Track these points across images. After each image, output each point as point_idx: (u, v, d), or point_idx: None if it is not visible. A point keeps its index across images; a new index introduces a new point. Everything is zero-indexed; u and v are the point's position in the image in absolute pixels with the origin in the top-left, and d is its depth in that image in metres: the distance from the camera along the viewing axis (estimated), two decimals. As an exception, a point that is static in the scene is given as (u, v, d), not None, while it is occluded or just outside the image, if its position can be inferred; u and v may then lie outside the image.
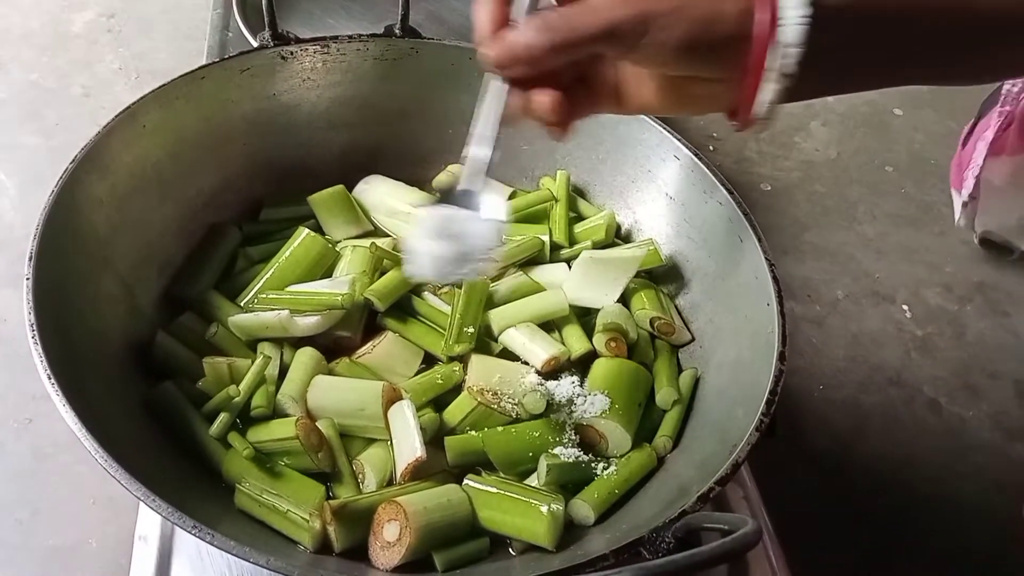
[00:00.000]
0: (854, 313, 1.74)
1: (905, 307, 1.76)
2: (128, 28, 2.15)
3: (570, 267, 0.98)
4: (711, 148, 2.03)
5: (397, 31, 1.03)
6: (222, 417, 0.80)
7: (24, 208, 1.62)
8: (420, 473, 0.79)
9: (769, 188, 1.96)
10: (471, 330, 0.89)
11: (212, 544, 0.61)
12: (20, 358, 0.67)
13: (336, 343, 0.90)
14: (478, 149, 0.62)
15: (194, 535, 0.61)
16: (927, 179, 2.03)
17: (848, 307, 1.75)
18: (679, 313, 0.98)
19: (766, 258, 0.86)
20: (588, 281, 0.95)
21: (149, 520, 0.86)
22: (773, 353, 0.79)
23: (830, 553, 1.37)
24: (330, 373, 0.86)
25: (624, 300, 0.96)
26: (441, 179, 1.08)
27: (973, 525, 1.43)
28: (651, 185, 1.02)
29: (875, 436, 1.54)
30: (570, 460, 0.82)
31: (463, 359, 0.89)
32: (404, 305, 0.93)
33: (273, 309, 0.87)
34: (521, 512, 0.77)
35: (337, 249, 0.98)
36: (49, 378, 0.66)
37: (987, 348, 1.71)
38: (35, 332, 0.69)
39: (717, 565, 0.53)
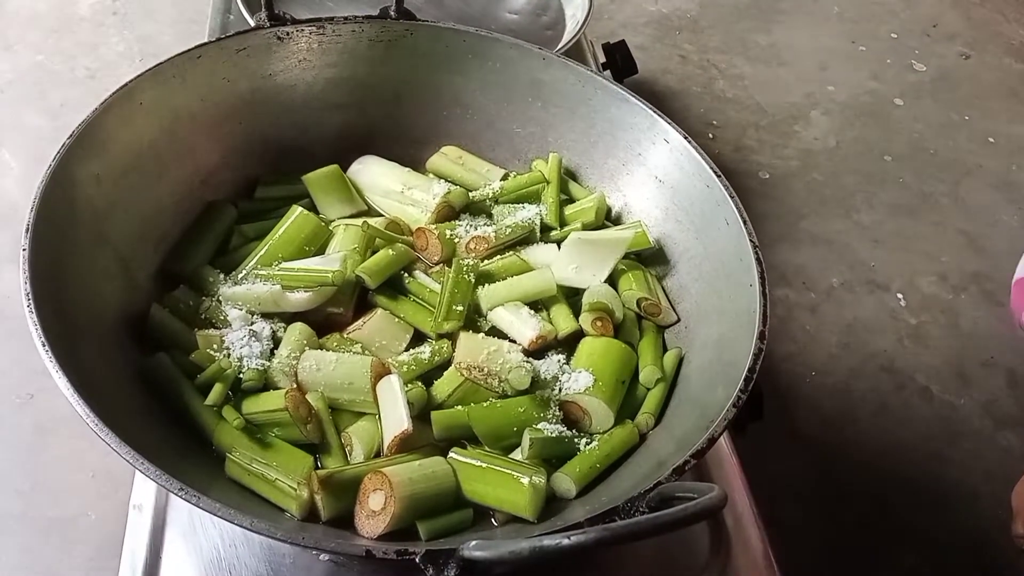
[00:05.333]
0: (848, 301, 1.75)
1: (900, 295, 1.77)
2: (133, 11, 2.17)
3: (560, 248, 1.00)
4: (710, 136, 2.04)
5: (392, 13, 1.04)
6: (217, 387, 0.82)
7: (28, 188, 1.63)
8: (407, 446, 0.81)
9: (767, 176, 1.97)
10: (460, 308, 0.91)
11: (198, 506, 0.63)
12: (23, 334, 0.69)
13: (327, 319, 0.92)
14: None
15: (181, 497, 0.63)
16: (925, 169, 2.04)
17: (843, 295, 1.76)
18: (666, 294, 0.99)
19: (751, 240, 0.88)
20: (577, 261, 0.97)
21: (144, 489, 0.88)
22: (754, 333, 0.80)
23: (817, 533, 1.38)
24: (321, 348, 0.88)
25: (612, 281, 0.97)
26: (435, 160, 1.09)
27: (960, 510, 1.45)
28: (641, 168, 1.03)
29: (866, 422, 1.55)
30: (553, 435, 0.83)
31: (452, 336, 0.91)
32: (395, 283, 0.95)
33: (266, 284, 0.89)
34: (504, 484, 0.78)
35: (330, 228, 0.99)
36: (43, 345, 0.68)
37: (980, 337, 1.73)
38: (31, 301, 0.71)
39: (680, 528, 0.54)
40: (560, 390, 0.87)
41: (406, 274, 0.96)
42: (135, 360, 0.84)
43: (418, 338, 0.92)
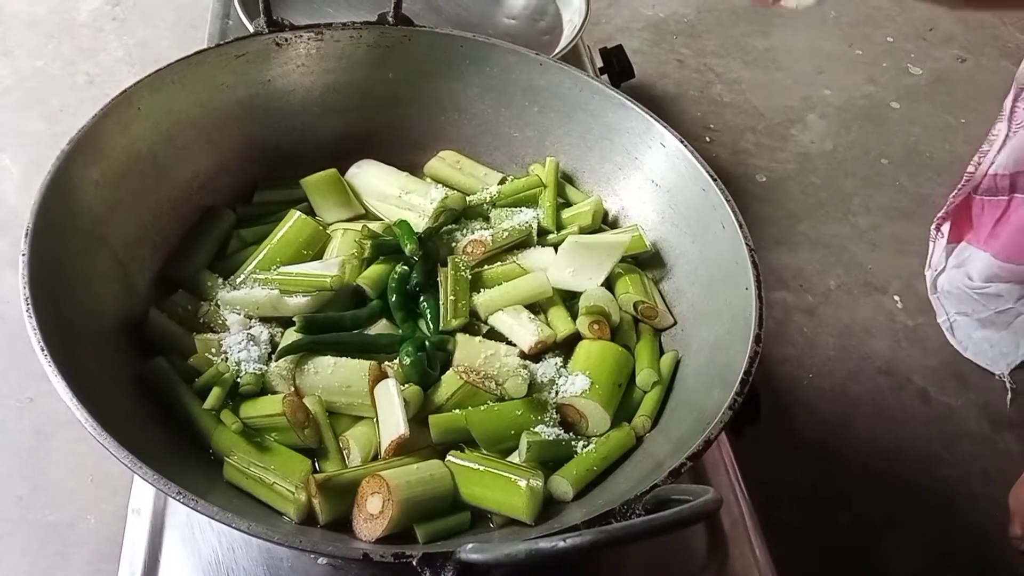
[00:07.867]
0: (846, 303, 1.75)
1: (897, 298, 1.77)
2: (132, 16, 2.18)
3: (557, 251, 1.00)
4: (707, 139, 2.04)
5: (390, 19, 1.04)
6: (215, 391, 0.82)
7: (28, 192, 1.64)
8: (404, 449, 0.81)
9: (764, 179, 1.98)
10: (464, 305, 0.91)
11: (196, 510, 0.63)
12: (22, 339, 0.69)
13: (326, 323, 0.92)
14: None
15: (179, 501, 0.63)
16: (922, 172, 2.05)
17: (840, 297, 1.76)
18: (663, 297, 1.00)
19: (746, 243, 0.88)
20: (574, 265, 0.97)
21: (142, 493, 0.88)
22: (750, 335, 0.80)
23: (814, 535, 1.39)
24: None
25: (609, 284, 0.97)
26: (432, 165, 1.10)
27: (958, 512, 1.45)
28: (637, 172, 1.04)
29: (863, 424, 1.56)
30: (551, 438, 0.83)
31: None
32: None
33: (264, 288, 0.89)
34: (501, 487, 0.79)
35: (328, 232, 1.00)
36: (42, 349, 0.68)
37: (977, 339, 1.73)
38: (30, 306, 0.71)
39: (675, 530, 0.55)
40: (557, 393, 0.87)
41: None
42: (133, 364, 0.84)
43: (416, 342, 0.93)
